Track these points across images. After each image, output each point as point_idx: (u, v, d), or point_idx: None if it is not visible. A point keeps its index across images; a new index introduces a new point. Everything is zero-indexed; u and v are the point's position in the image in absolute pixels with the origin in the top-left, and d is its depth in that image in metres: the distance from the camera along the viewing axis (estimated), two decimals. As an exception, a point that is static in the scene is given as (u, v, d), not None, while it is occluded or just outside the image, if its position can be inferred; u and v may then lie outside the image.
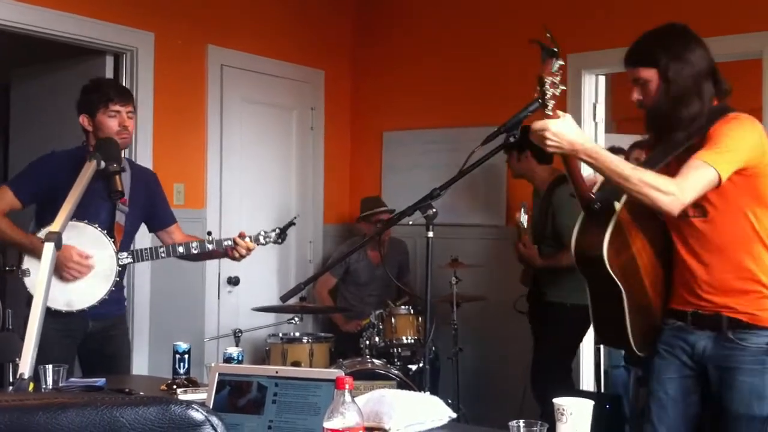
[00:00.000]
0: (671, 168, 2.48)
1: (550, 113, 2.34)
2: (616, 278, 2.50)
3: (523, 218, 4.24)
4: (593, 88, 5.06)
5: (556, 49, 2.32)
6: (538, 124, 2.34)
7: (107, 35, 4.56)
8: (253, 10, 5.38)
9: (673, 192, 2.33)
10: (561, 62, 2.32)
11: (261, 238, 3.43)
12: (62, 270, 3.15)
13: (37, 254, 3.13)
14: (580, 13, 4.97)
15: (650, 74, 2.52)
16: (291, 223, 3.47)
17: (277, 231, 3.45)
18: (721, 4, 4.59)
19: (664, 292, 2.66)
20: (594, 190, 2.59)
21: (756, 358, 2.46)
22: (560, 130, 2.33)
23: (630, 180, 2.34)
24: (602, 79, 5.11)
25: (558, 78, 2.32)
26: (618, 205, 2.51)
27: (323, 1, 5.94)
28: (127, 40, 4.66)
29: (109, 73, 4.69)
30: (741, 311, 2.47)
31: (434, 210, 2.66)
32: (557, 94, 2.33)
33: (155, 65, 4.79)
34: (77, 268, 3.19)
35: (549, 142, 2.34)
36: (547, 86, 2.31)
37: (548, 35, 2.41)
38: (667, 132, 2.54)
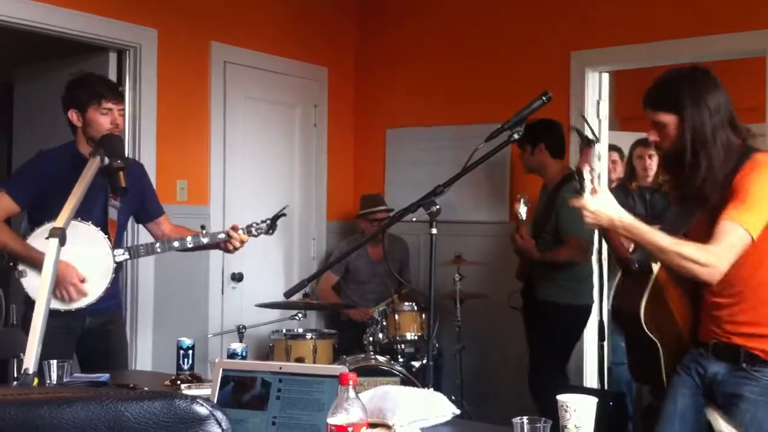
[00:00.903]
0: (700, 223, 2.49)
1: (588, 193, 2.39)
2: (651, 335, 2.56)
3: (522, 210, 4.22)
4: (597, 86, 5.05)
5: (593, 139, 2.35)
6: (577, 203, 2.40)
7: (110, 32, 4.56)
8: (257, 7, 5.38)
9: (711, 264, 2.34)
10: (598, 146, 2.35)
11: (252, 230, 3.45)
12: (59, 287, 3.16)
13: (33, 264, 3.15)
14: (584, 10, 4.96)
15: (670, 119, 2.50)
16: (281, 214, 3.47)
17: (268, 222, 3.46)
18: (725, 2, 4.58)
19: (693, 325, 2.67)
20: (631, 250, 2.62)
21: (764, 390, 2.44)
22: (599, 207, 2.39)
23: (668, 253, 2.37)
24: (606, 76, 5.10)
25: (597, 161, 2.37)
26: (656, 267, 2.55)
27: (327, -2, 5.95)
28: (130, 37, 4.66)
29: (112, 70, 4.70)
30: (760, 348, 2.46)
31: (437, 207, 2.66)
32: (595, 175, 2.39)
33: (158, 62, 4.79)
34: (72, 292, 3.21)
35: (588, 220, 2.41)
36: (586, 174, 2.38)
37: (586, 123, 2.44)
38: (687, 179, 2.52)
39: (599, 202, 2.38)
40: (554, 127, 4.40)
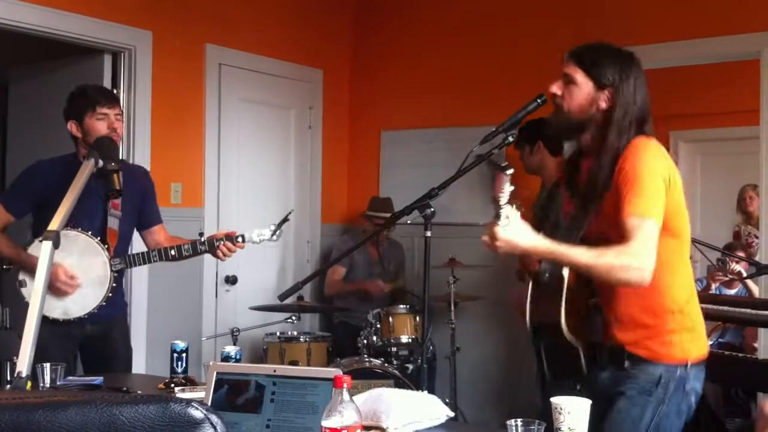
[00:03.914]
0: (602, 211, 2.41)
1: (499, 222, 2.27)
2: (573, 341, 2.49)
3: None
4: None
5: (506, 165, 2.27)
6: (489, 233, 2.29)
7: (105, 34, 4.55)
8: (252, 9, 5.38)
9: (636, 266, 2.25)
10: (511, 172, 2.27)
11: (255, 237, 3.39)
12: (50, 286, 3.16)
13: (28, 270, 3.15)
14: (580, 13, 4.97)
15: (584, 82, 2.41)
16: (285, 219, 3.41)
17: (272, 228, 3.39)
18: (720, 5, 4.59)
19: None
20: (540, 261, 2.55)
21: (643, 387, 2.39)
22: (511, 237, 2.27)
23: (594, 268, 2.28)
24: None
25: (510, 187, 2.25)
26: (566, 272, 2.48)
27: (322, 0, 5.95)
28: (125, 39, 4.66)
29: (107, 72, 4.69)
30: (641, 347, 2.40)
31: (432, 209, 2.66)
32: (508, 204, 2.27)
33: (153, 64, 4.79)
34: (63, 287, 3.20)
35: (500, 250, 2.29)
36: (502, 203, 2.25)
37: (498, 150, 2.37)
38: (588, 153, 2.46)
39: (511, 232, 2.26)
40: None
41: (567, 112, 2.44)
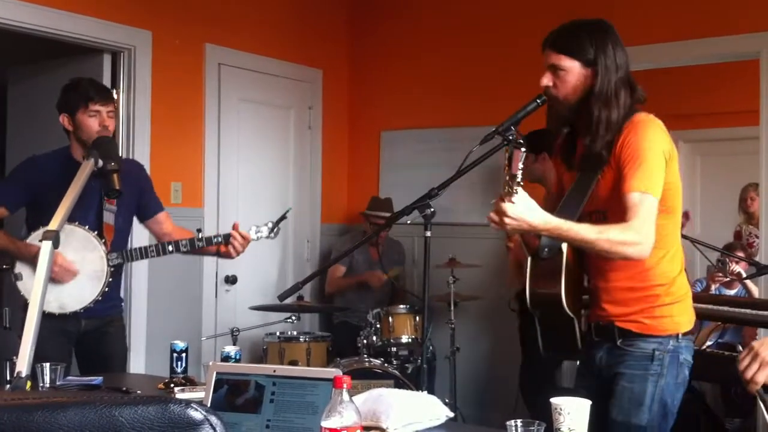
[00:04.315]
0: (599, 186, 2.44)
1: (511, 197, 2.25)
2: (571, 314, 2.50)
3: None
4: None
5: (522, 141, 2.25)
6: (498, 209, 2.26)
7: (105, 34, 4.55)
8: (252, 9, 5.38)
9: (638, 241, 2.28)
10: (525, 150, 2.25)
11: (253, 233, 3.39)
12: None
13: (24, 259, 3.14)
14: (580, 12, 4.95)
15: (572, 65, 2.43)
16: (283, 217, 3.42)
17: (270, 225, 3.40)
18: (719, 5, 4.59)
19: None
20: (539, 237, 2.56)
21: (639, 363, 2.42)
22: (520, 213, 2.25)
23: (596, 244, 2.30)
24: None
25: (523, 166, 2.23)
26: (564, 247, 2.48)
27: (321, 0, 5.94)
28: (124, 39, 4.66)
29: (106, 72, 4.69)
30: (632, 320, 2.43)
31: (432, 209, 2.66)
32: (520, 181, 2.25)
33: (153, 64, 4.79)
34: (61, 272, 3.18)
35: (509, 226, 2.27)
36: (519, 179, 2.23)
37: (512, 128, 2.35)
38: (580, 131, 2.47)
39: (520, 208, 2.25)
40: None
41: (564, 99, 2.46)
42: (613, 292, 2.47)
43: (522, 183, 2.24)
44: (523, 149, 2.21)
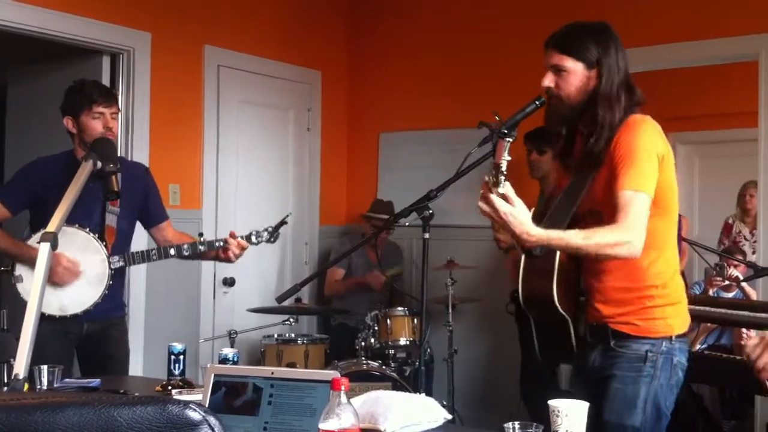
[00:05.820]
0: (596, 186, 2.45)
1: (503, 192, 2.24)
2: (564, 314, 2.51)
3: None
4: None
5: (507, 131, 2.23)
6: (505, 207, 2.25)
7: (104, 35, 4.56)
8: (250, 11, 5.38)
9: (627, 240, 2.28)
10: (511, 140, 2.24)
11: (253, 238, 3.40)
12: (51, 274, 3.14)
13: (26, 261, 3.14)
14: (580, 14, 4.96)
15: (575, 66, 2.44)
16: (283, 222, 3.42)
17: (269, 230, 3.41)
18: (718, 7, 4.60)
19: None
20: None
21: (632, 365, 2.42)
22: (522, 219, 2.25)
23: (586, 248, 2.30)
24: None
25: (508, 157, 2.20)
26: None
27: (320, 1, 5.95)
28: (124, 41, 4.66)
29: (105, 74, 4.69)
30: (624, 322, 2.43)
31: (431, 211, 2.66)
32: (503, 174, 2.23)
33: (152, 66, 4.79)
34: (65, 273, 3.18)
35: (513, 227, 2.26)
36: (503, 169, 2.21)
37: (496, 117, 2.35)
38: (579, 132, 2.48)
39: (521, 214, 2.24)
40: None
41: (567, 99, 2.46)
42: (606, 292, 2.47)
43: (506, 173, 2.21)
44: (508, 139, 2.20)
